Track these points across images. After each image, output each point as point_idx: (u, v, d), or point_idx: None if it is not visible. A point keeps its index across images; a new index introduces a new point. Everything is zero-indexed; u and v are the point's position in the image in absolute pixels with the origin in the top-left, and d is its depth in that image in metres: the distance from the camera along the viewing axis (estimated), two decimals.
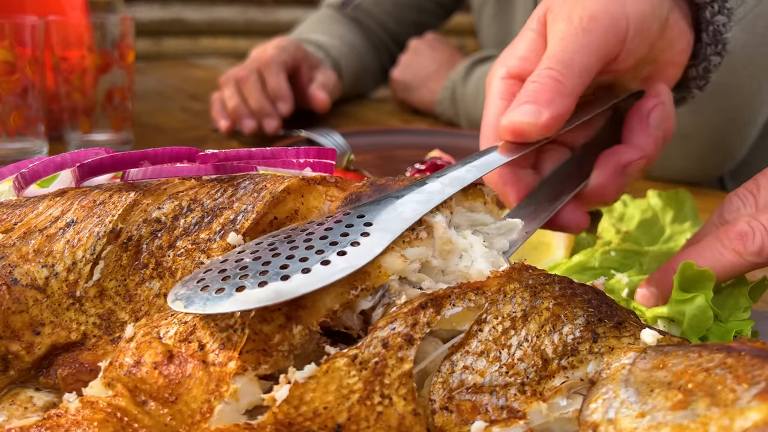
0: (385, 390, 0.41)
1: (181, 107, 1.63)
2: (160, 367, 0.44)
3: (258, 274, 0.44)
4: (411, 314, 0.43)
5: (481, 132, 0.67)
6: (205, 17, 4.29)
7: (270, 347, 0.43)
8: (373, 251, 0.46)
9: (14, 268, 0.48)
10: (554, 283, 0.46)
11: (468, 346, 0.44)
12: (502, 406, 0.42)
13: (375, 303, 0.46)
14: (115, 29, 1.15)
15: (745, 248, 0.57)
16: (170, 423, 0.43)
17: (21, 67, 1.05)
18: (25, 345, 0.47)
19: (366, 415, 0.40)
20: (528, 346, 0.44)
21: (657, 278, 0.62)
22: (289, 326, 0.44)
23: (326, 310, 0.44)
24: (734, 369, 0.39)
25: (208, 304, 0.43)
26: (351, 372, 0.41)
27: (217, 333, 0.44)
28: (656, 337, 0.45)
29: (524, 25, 0.68)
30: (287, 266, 0.44)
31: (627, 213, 0.72)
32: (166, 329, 0.46)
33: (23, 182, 0.56)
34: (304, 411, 0.40)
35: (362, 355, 0.42)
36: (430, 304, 0.44)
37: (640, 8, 0.64)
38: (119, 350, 0.46)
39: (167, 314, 0.48)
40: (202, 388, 0.42)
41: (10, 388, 0.47)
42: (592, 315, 0.45)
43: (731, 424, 0.36)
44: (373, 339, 0.42)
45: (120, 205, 0.52)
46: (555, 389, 0.43)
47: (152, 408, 0.43)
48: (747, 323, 0.58)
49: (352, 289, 0.45)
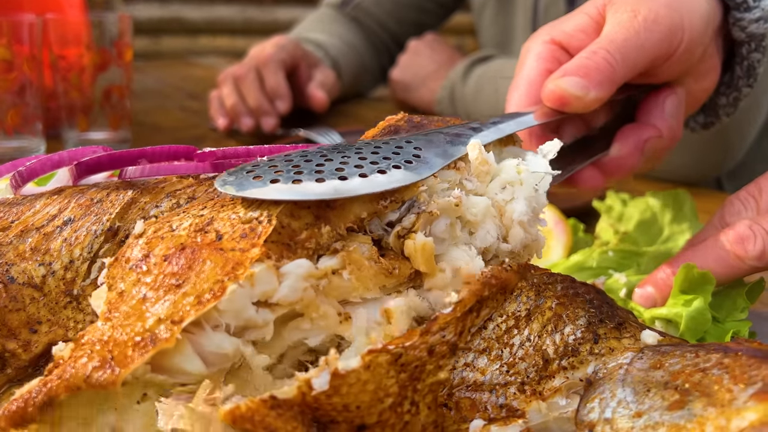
0: (416, 397, 0.40)
1: (179, 106, 1.63)
2: (170, 258, 0.41)
3: (313, 173, 0.43)
4: (461, 320, 0.42)
5: (513, 86, 0.68)
6: (204, 16, 4.28)
7: (296, 243, 0.41)
8: (426, 172, 0.46)
9: (11, 267, 0.48)
10: (557, 283, 0.46)
11: (471, 343, 0.43)
12: (501, 404, 0.42)
13: (402, 215, 0.45)
14: (114, 27, 1.15)
15: (746, 252, 0.57)
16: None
17: (18, 65, 1.05)
18: (22, 343, 0.46)
19: (393, 422, 0.39)
20: (530, 346, 0.44)
21: (655, 279, 0.62)
22: (318, 225, 0.42)
23: (354, 216, 0.44)
24: (731, 369, 0.39)
25: (264, 191, 0.41)
26: (390, 372, 0.39)
27: (239, 224, 0.42)
28: (656, 338, 0.45)
29: (577, 8, 0.70)
30: (342, 169, 0.44)
31: (626, 213, 0.72)
32: (180, 222, 0.43)
33: (20, 180, 0.56)
34: (336, 402, 0.38)
35: (406, 357, 0.40)
36: (476, 307, 0.43)
37: (695, 25, 0.65)
38: (126, 245, 0.44)
39: (180, 210, 0.46)
40: (216, 270, 0.40)
41: (8, 387, 0.47)
42: (594, 316, 0.45)
43: (728, 425, 0.36)
44: (420, 342, 0.40)
45: (117, 204, 0.52)
46: (555, 389, 0.43)
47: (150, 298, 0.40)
48: (744, 324, 0.58)
49: (381, 199, 0.45)
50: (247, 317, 0.39)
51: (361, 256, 0.43)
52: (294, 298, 0.40)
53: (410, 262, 0.45)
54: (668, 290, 0.60)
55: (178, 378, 0.39)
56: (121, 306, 0.41)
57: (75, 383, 0.38)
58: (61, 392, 0.38)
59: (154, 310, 0.39)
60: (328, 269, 0.41)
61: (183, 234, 0.42)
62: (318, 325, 0.41)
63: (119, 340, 0.39)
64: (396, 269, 0.44)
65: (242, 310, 0.39)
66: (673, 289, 0.59)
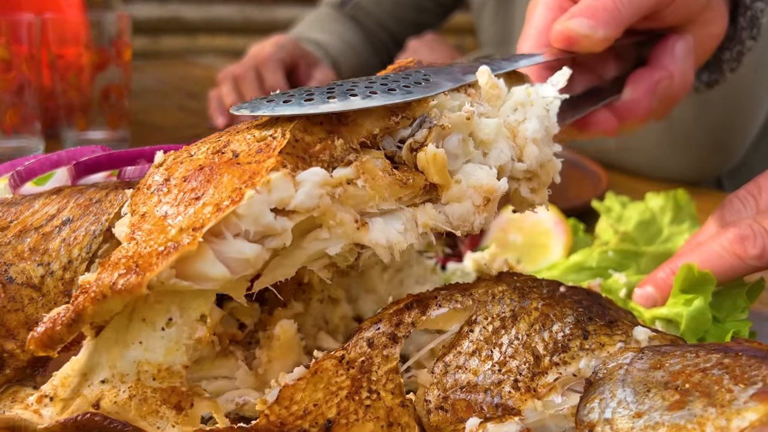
0: (373, 386, 0.42)
1: (178, 105, 1.63)
2: (189, 178, 0.42)
3: (324, 94, 0.44)
4: (396, 314, 0.44)
5: (523, 36, 0.70)
6: (203, 15, 4.28)
7: (310, 156, 0.42)
8: (435, 90, 0.47)
9: (10, 267, 0.48)
10: (542, 286, 0.47)
11: (460, 347, 0.45)
12: (497, 404, 0.43)
13: (414, 131, 0.46)
14: (112, 27, 1.15)
15: (746, 251, 0.57)
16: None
17: (17, 64, 1.05)
18: (21, 343, 0.46)
19: (354, 408, 0.41)
20: (519, 344, 0.44)
21: (655, 279, 0.62)
22: (332, 138, 0.44)
23: (366, 131, 0.45)
24: (731, 369, 0.39)
25: (276, 108, 0.43)
26: (339, 371, 0.42)
27: (254, 142, 0.43)
28: (648, 334, 0.45)
29: None
30: (353, 90, 0.45)
31: (625, 214, 0.72)
32: (197, 148, 0.45)
33: (19, 180, 0.56)
34: (295, 410, 0.41)
35: (349, 356, 0.42)
36: (416, 304, 0.45)
37: None
38: (147, 175, 0.45)
39: (197, 142, 0.47)
40: (233, 180, 0.41)
41: (8, 386, 0.47)
42: (582, 314, 0.46)
43: (728, 425, 0.36)
44: (358, 340, 0.43)
45: (116, 204, 0.52)
46: (549, 385, 0.43)
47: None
48: (745, 324, 0.58)
49: (393, 115, 0.46)
50: (265, 223, 0.40)
51: (374, 167, 0.44)
52: (311, 204, 0.40)
53: (424, 175, 0.46)
54: (668, 290, 0.60)
55: (203, 284, 0.40)
56: (143, 225, 0.42)
57: (101, 292, 0.39)
58: (88, 305, 0.39)
59: (175, 222, 0.40)
60: (342, 178, 0.42)
61: (201, 157, 0.44)
62: (336, 234, 0.42)
63: (143, 252, 0.40)
64: (410, 180, 0.45)
65: (260, 215, 0.39)
66: (674, 288, 0.59)
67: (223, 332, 0.51)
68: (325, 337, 0.55)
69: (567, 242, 0.75)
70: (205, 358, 0.49)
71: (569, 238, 0.76)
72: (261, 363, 0.51)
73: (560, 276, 0.69)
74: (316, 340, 0.55)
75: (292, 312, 0.53)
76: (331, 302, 0.56)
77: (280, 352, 0.51)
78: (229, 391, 0.50)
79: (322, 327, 0.56)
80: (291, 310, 0.53)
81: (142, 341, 0.41)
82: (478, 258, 0.71)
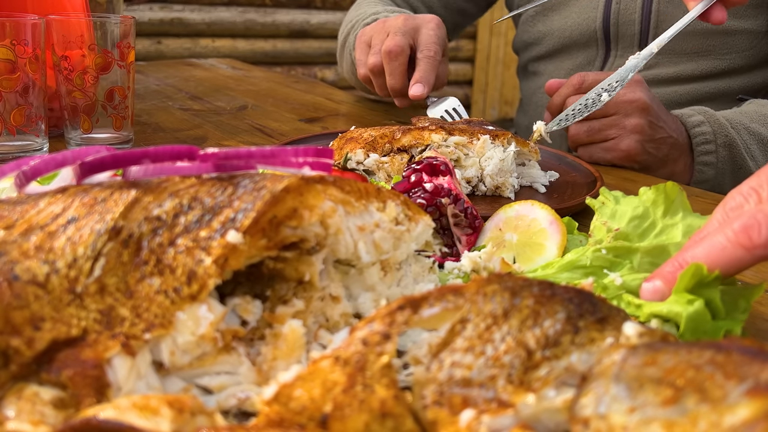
0: (367, 381, 0.44)
1: (180, 106, 1.63)
2: None
3: None
4: (389, 315, 0.46)
5: None
6: (205, 18, 4.29)
7: None
8: None
9: (15, 265, 0.49)
10: (533, 286, 0.48)
11: (453, 344, 0.46)
12: (491, 398, 0.43)
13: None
14: (116, 29, 1.16)
15: (751, 241, 0.55)
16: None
17: (22, 65, 1.06)
18: (26, 340, 0.47)
19: (349, 402, 0.43)
20: (511, 340, 0.45)
21: (664, 273, 0.61)
22: None
23: None
24: (724, 366, 0.39)
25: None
26: (335, 369, 0.44)
27: None
28: (637, 329, 0.46)
29: None
30: None
31: (619, 210, 0.72)
32: None
33: (24, 179, 0.57)
34: (294, 407, 0.43)
35: (344, 355, 0.44)
36: (408, 305, 0.47)
37: None
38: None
39: None
40: None
41: (13, 383, 0.47)
42: (573, 311, 0.47)
43: (720, 420, 0.37)
44: (353, 339, 0.45)
45: (121, 203, 0.52)
46: (542, 379, 0.44)
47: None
48: (737, 322, 0.59)
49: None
50: None
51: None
52: None
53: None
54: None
55: None
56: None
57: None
58: None
59: None
60: None
61: None
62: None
63: None
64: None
65: None
66: (678, 285, 0.58)
67: (225, 329, 0.51)
68: (326, 334, 0.55)
69: (562, 241, 0.75)
70: (207, 353, 0.50)
71: (563, 237, 0.76)
72: (266, 360, 0.52)
73: (555, 274, 0.70)
74: (317, 337, 0.55)
75: (293, 309, 0.54)
76: (332, 300, 0.57)
77: (287, 350, 0.52)
78: (231, 387, 0.51)
79: (323, 324, 0.56)
80: (292, 307, 0.54)
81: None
82: (475, 257, 0.72)
